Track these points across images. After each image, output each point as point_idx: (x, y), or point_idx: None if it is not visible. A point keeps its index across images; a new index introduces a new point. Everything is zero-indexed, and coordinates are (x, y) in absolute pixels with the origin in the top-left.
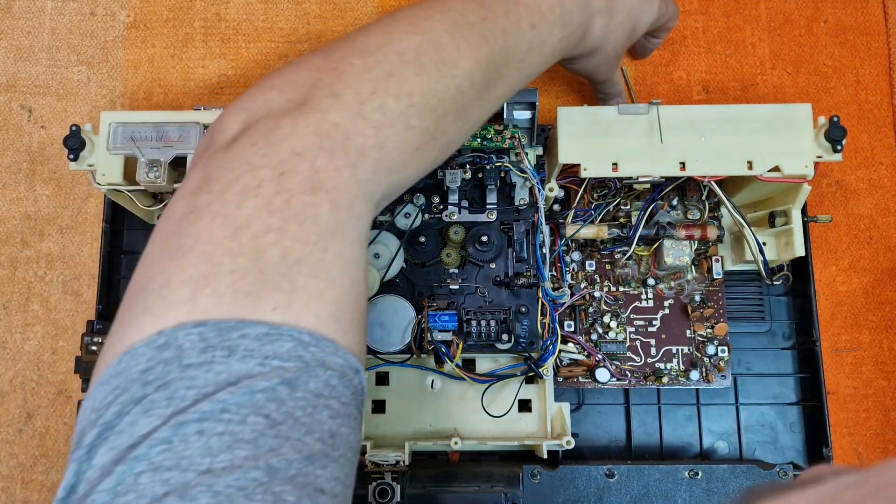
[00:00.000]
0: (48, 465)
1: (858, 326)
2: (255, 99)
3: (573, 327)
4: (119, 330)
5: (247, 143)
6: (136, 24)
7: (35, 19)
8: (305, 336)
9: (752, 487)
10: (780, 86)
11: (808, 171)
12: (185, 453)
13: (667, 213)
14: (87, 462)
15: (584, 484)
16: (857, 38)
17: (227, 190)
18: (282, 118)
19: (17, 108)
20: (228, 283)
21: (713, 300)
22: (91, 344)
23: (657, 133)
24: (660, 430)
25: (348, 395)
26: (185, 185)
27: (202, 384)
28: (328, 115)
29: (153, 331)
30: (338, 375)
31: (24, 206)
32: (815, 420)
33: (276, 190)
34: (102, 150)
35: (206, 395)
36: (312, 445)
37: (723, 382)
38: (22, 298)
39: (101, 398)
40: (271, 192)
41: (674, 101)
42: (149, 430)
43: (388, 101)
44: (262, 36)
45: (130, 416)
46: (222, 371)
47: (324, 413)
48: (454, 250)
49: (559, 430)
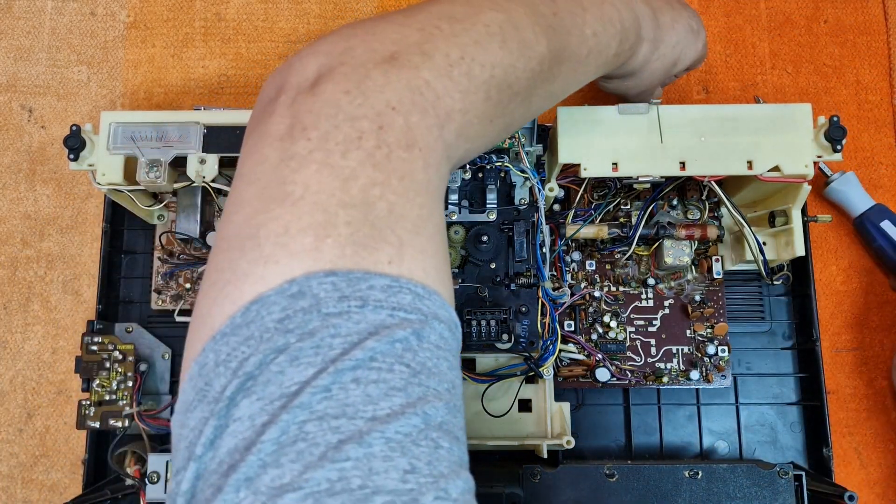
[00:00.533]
0: (48, 464)
1: (859, 326)
2: (335, 44)
3: (573, 327)
4: (232, 279)
5: (339, 90)
6: (137, 24)
7: (35, 19)
8: (420, 289)
9: None
10: (780, 85)
11: (809, 170)
12: (348, 401)
13: (667, 213)
14: (228, 415)
15: (584, 484)
16: (858, 37)
17: (327, 139)
18: (372, 69)
19: (17, 108)
20: (347, 233)
21: (713, 300)
22: (91, 344)
23: (657, 133)
24: (660, 430)
25: (455, 347)
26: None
27: (346, 332)
28: (420, 72)
29: (282, 279)
30: (448, 328)
31: (24, 206)
32: (815, 420)
33: (376, 143)
34: (103, 150)
35: (354, 343)
36: (444, 395)
37: (723, 382)
38: (22, 298)
39: (228, 350)
40: (373, 145)
41: (674, 100)
42: (303, 379)
43: (474, 68)
44: (262, 36)
45: (276, 366)
46: (361, 320)
47: (444, 364)
48: (454, 250)
49: (559, 430)
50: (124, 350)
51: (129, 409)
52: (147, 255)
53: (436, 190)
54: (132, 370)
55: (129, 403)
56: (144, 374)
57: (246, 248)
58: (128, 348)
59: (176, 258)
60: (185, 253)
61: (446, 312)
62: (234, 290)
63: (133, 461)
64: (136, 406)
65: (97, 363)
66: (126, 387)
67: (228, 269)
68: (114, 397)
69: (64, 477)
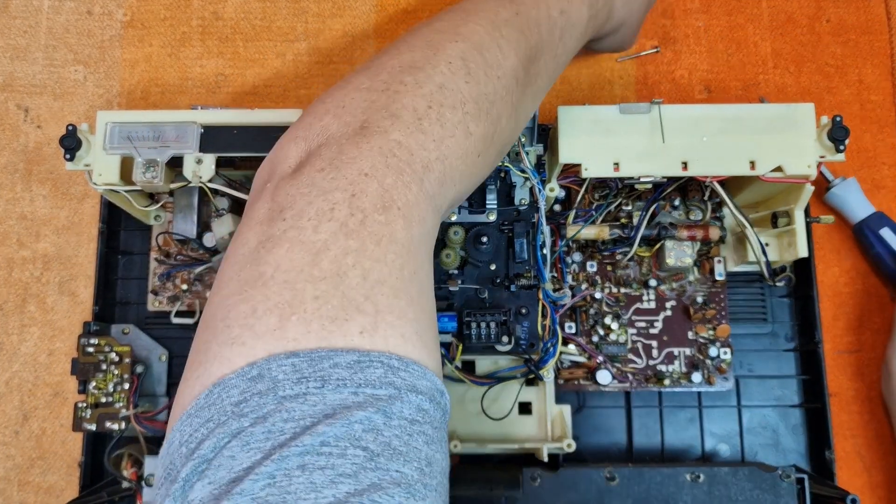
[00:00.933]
0: (45, 466)
1: (861, 328)
2: (310, 126)
3: (574, 329)
4: (203, 361)
5: (314, 170)
6: (133, 23)
7: (32, 18)
8: (395, 361)
9: None
10: (783, 85)
11: (811, 171)
12: (290, 489)
13: (668, 214)
14: (183, 497)
15: (584, 487)
16: (860, 37)
17: (301, 216)
18: (344, 143)
19: (13, 108)
20: (314, 308)
21: (715, 301)
22: (87, 345)
23: (659, 133)
24: (661, 433)
25: (439, 419)
26: (253, 216)
27: (299, 416)
28: (390, 135)
29: (244, 362)
30: (428, 399)
31: (20, 206)
32: (817, 422)
33: (349, 211)
34: (99, 150)
35: (305, 427)
36: (411, 476)
37: (725, 384)
38: (18, 300)
39: (191, 431)
40: (345, 214)
41: (676, 100)
42: (250, 464)
43: (444, 114)
44: (259, 34)
45: (228, 450)
46: (318, 402)
47: (419, 440)
48: (453, 251)
49: (560, 433)
50: (121, 352)
51: (125, 411)
52: (144, 255)
53: (420, 247)
54: (129, 372)
55: (126, 405)
56: (141, 376)
57: (218, 329)
58: (124, 350)
59: (173, 259)
60: (182, 254)
61: (427, 382)
62: (204, 371)
63: (130, 464)
64: (133, 408)
65: (94, 365)
66: (122, 389)
67: (203, 350)
68: (110, 399)
69: (60, 479)
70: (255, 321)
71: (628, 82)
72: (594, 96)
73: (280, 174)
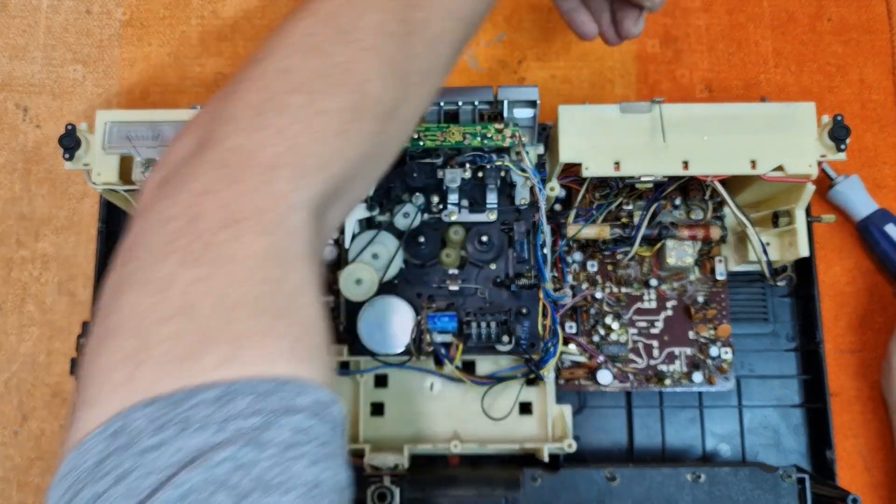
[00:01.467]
0: (44, 467)
1: (863, 328)
2: (167, 155)
3: (575, 329)
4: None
5: (158, 201)
6: (133, 22)
7: (31, 17)
8: (264, 385)
9: None
10: (783, 84)
11: (812, 170)
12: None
13: (669, 213)
14: None
15: (585, 487)
16: (861, 36)
17: (148, 253)
18: (182, 166)
19: (12, 108)
20: (167, 349)
21: (716, 301)
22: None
23: (660, 132)
24: (662, 433)
25: (326, 432)
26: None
27: (161, 467)
28: (225, 143)
29: (99, 420)
30: (309, 415)
31: (19, 206)
32: (818, 422)
33: (190, 238)
34: (98, 150)
35: (167, 478)
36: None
37: (726, 384)
38: (17, 300)
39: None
40: (186, 241)
41: (676, 99)
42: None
43: (286, 100)
44: (259, 34)
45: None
46: (179, 449)
47: (300, 464)
48: (454, 250)
49: (560, 433)
50: None
51: None
52: None
53: (285, 251)
54: None
55: None
56: None
57: (80, 388)
58: None
59: None
60: None
61: (307, 398)
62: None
63: None
64: None
65: None
66: None
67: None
68: None
69: None
70: (109, 375)
71: (629, 81)
72: (595, 95)
73: (137, 209)
